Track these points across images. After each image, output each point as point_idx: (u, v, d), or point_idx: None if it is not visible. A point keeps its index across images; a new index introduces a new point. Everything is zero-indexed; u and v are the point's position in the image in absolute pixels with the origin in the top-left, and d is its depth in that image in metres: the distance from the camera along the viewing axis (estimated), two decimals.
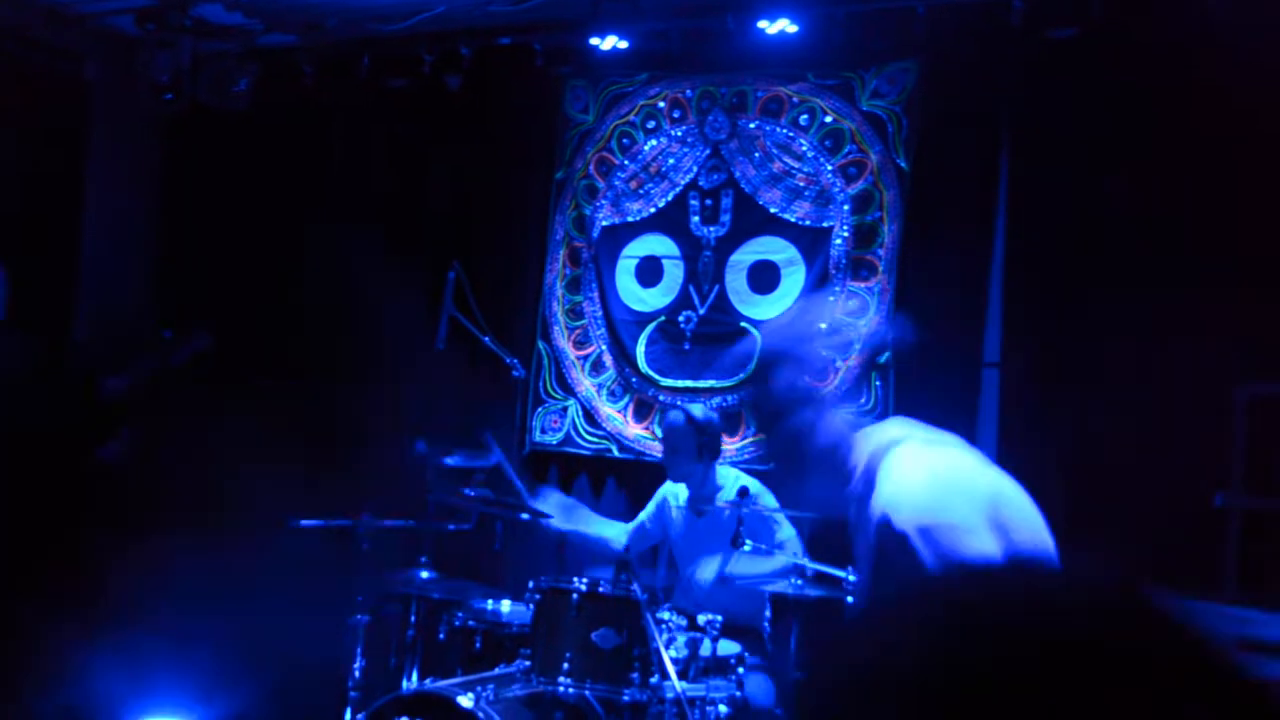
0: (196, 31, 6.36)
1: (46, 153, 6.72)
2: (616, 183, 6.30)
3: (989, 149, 5.45)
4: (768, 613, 5.01)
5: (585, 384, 6.30)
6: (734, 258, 5.97)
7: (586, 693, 4.04)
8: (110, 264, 7.06)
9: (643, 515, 5.38)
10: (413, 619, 4.81)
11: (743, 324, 5.91)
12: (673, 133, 6.18)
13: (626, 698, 4.00)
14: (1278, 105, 4.50)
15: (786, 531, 4.99)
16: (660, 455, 5.61)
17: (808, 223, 5.82)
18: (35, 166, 6.57)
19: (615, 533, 5.30)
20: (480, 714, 3.85)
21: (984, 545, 2.42)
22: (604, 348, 6.26)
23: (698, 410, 5.24)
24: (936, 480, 2.56)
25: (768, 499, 5.05)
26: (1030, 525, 2.62)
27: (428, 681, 4.39)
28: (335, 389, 6.32)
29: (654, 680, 4.00)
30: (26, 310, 4.95)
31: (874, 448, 2.65)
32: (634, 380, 6.13)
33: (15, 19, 6.53)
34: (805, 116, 5.87)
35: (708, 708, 4.16)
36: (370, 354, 6.45)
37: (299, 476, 6.19)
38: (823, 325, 5.58)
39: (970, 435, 5.24)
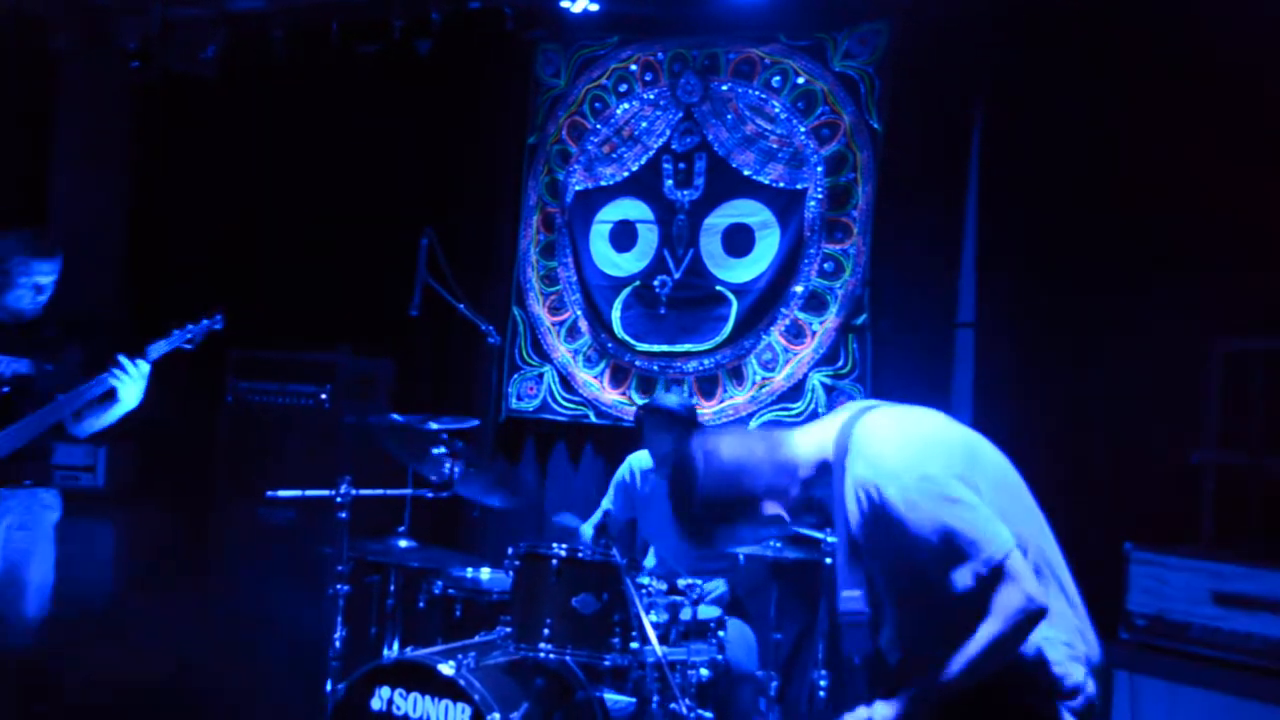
0: None
1: (12, 124, 6.62)
2: (589, 147, 6.27)
3: (962, 109, 5.44)
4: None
5: (561, 350, 6.29)
6: (708, 221, 5.95)
7: (567, 658, 4.06)
8: (80, 236, 6.97)
9: (604, 505, 5.36)
10: (392, 588, 4.81)
11: (718, 288, 5.90)
12: (645, 96, 6.15)
13: (608, 662, 4.03)
14: (1252, 58, 4.50)
15: None
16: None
17: (781, 185, 5.81)
18: (1, 138, 6.48)
19: (584, 532, 5.28)
20: (461, 681, 3.86)
21: (962, 491, 2.43)
22: (579, 313, 6.25)
23: (673, 401, 5.25)
24: (907, 438, 2.55)
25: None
26: (1008, 483, 2.63)
27: (408, 650, 4.40)
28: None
29: (635, 645, 4.03)
30: None
31: (836, 429, 2.61)
32: (610, 345, 6.12)
33: None
34: (777, 78, 5.84)
35: (689, 671, 4.20)
36: (343, 321, 6.42)
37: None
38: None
39: (945, 396, 5.29)
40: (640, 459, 5.31)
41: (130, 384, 4.51)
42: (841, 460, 2.55)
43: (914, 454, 2.49)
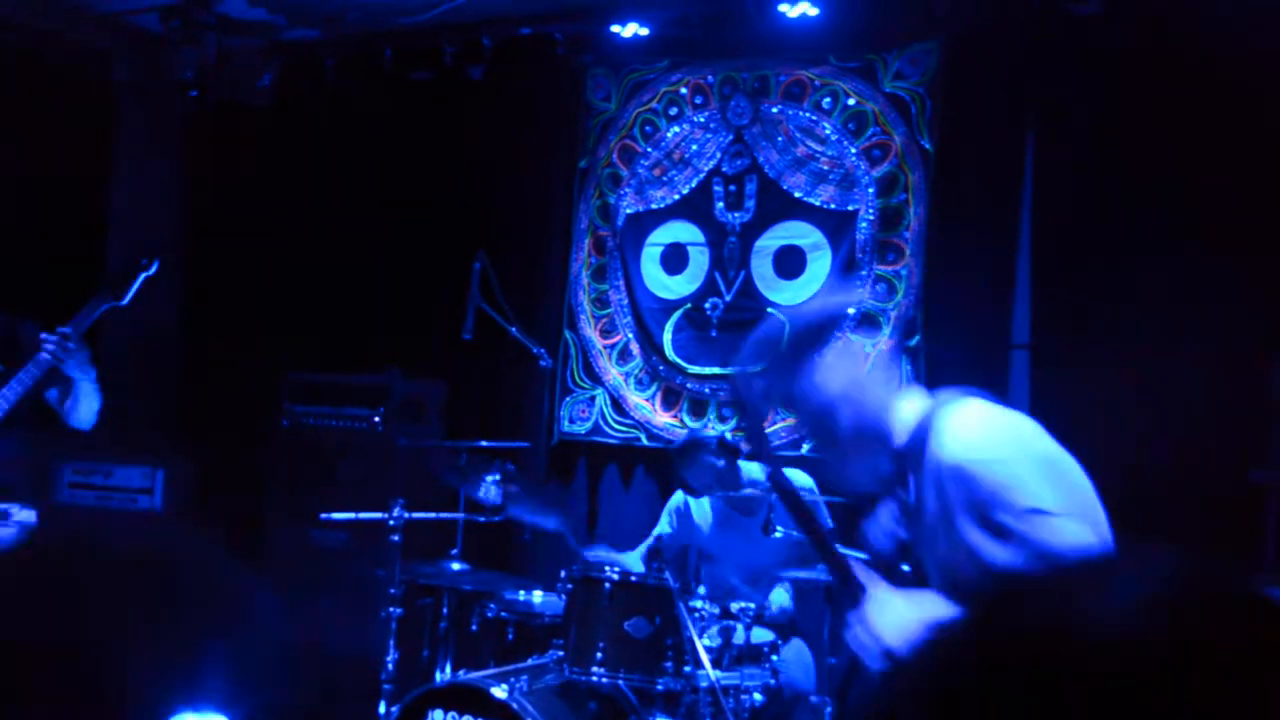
0: (221, 27, 6.38)
1: (73, 152, 6.74)
2: (640, 170, 6.28)
3: (1014, 128, 5.40)
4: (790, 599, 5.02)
5: (613, 373, 6.29)
6: (759, 243, 5.94)
7: (620, 682, 4.04)
8: (138, 261, 7.09)
9: (656, 531, 5.34)
10: (445, 610, 4.82)
11: (769, 309, 5.88)
12: (695, 119, 6.16)
13: (660, 687, 4.00)
14: None
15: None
16: None
17: (832, 206, 5.79)
18: (63, 165, 6.60)
19: (632, 561, 5.25)
20: (514, 704, 3.86)
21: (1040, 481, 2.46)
22: (631, 336, 6.25)
23: (712, 436, 5.21)
24: (1001, 429, 2.62)
25: (801, 480, 5.04)
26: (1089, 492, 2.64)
27: (461, 673, 4.41)
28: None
29: (688, 669, 4.00)
30: (55, 309, 4.96)
31: (927, 405, 2.69)
32: (661, 368, 6.12)
33: (43, 20, 6.56)
34: (828, 100, 5.83)
35: (742, 696, 4.16)
36: (396, 344, 6.47)
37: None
38: (849, 308, 5.56)
39: None
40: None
41: (59, 352, 4.20)
42: (924, 435, 2.61)
43: (1006, 438, 2.57)
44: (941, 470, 2.54)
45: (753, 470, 5.10)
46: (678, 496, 5.33)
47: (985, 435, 2.57)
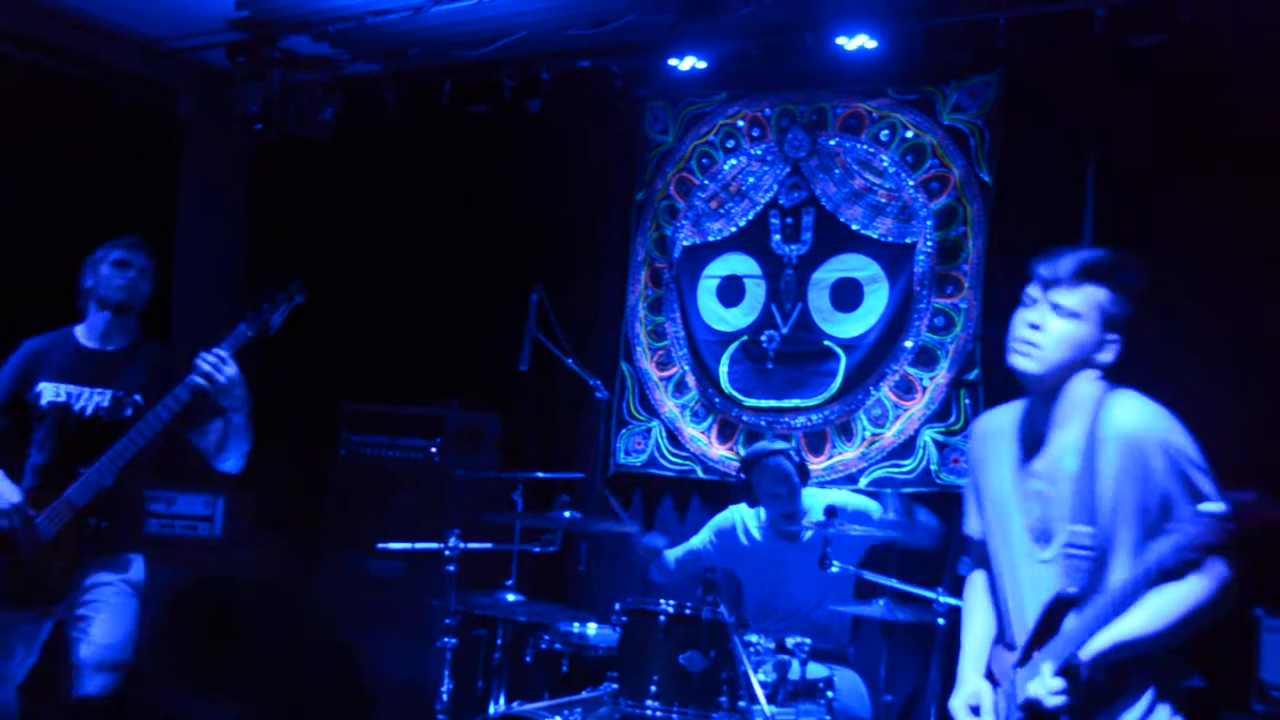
0: (285, 63, 6.48)
1: (140, 185, 6.87)
2: (697, 203, 6.29)
3: (1075, 160, 5.35)
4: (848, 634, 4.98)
5: (668, 405, 6.29)
6: (816, 276, 5.93)
7: (674, 716, 4.01)
8: (202, 293, 7.20)
9: (697, 541, 5.32)
10: (499, 641, 4.83)
11: (826, 343, 5.86)
12: (752, 151, 6.16)
13: None
14: None
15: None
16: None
17: (890, 239, 5.76)
18: (129, 198, 6.73)
19: (669, 560, 5.27)
20: None
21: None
22: (687, 368, 6.25)
23: (786, 447, 5.21)
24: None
25: (863, 502, 5.01)
26: None
27: (515, 704, 4.40)
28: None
29: (742, 704, 3.97)
30: None
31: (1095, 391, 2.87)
32: (717, 401, 6.10)
33: (116, 57, 6.71)
34: (885, 132, 5.82)
35: None
36: (452, 375, 6.51)
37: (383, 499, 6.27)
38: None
39: None
40: (750, 516, 5.25)
41: (216, 375, 4.04)
42: (1100, 403, 2.80)
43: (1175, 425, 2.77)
44: (1148, 435, 2.75)
45: (813, 500, 5.07)
46: (726, 515, 5.30)
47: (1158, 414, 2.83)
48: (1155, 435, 2.66)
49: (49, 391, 4.23)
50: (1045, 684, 2.62)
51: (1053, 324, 2.81)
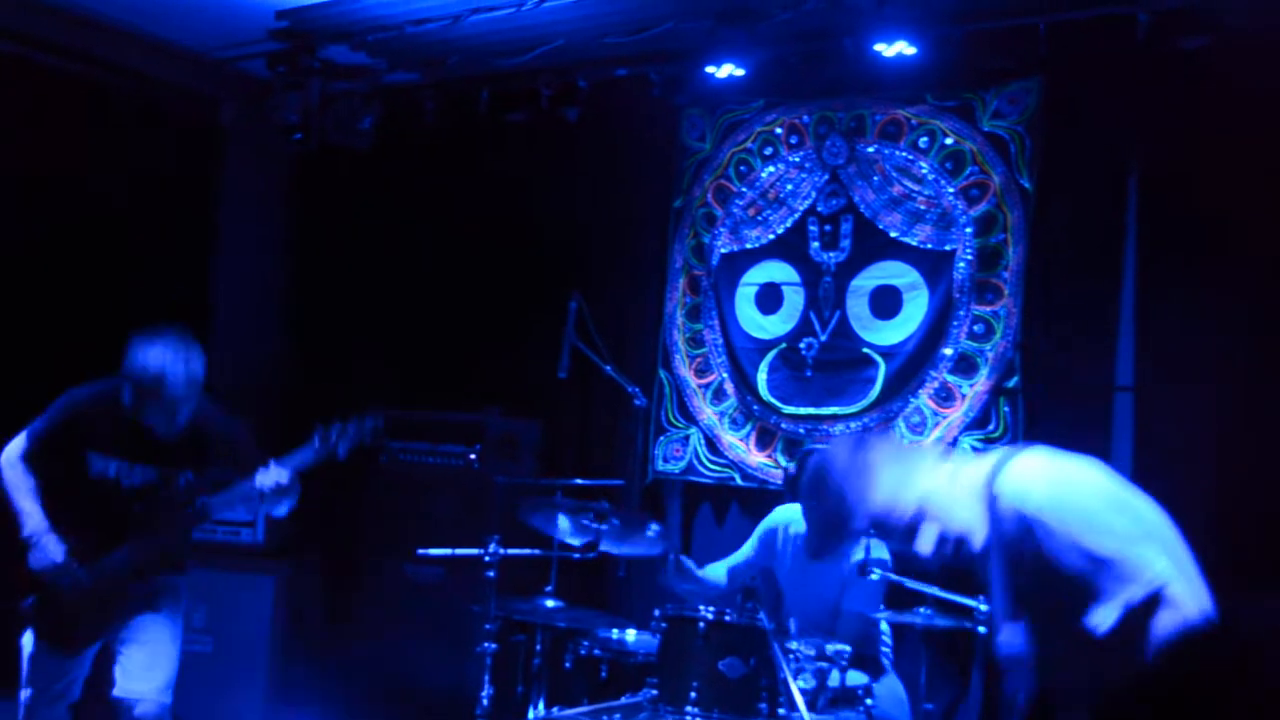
0: (324, 72, 6.54)
1: (182, 195, 6.95)
2: (735, 210, 6.29)
3: (1117, 166, 5.32)
4: (888, 640, 4.94)
5: (707, 412, 6.28)
6: (855, 283, 5.91)
7: None
8: (243, 303, 7.28)
9: (743, 552, 5.29)
10: (539, 648, 4.84)
11: (865, 350, 5.84)
12: (790, 159, 6.16)
13: None
14: None
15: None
16: (782, 483, 5.57)
17: (929, 246, 5.74)
18: (170, 208, 6.81)
19: (718, 573, 5.24)
20: None
21: (1114, 527, 2.46)
22: (725, 376, 6.24)
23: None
24: (1062, 475, 2.64)
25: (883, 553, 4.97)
26: (1167, 536, 2.58)
27: (554, 710, 4.41)
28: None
29: (782, 711, 3.96)
30: None
31: (984, 469, 2.70)
32: (755, 408, 6.10)
33: (161, 68, 6.80)
34: (925, 139, 5.80)
35: None
36: (492, 383, 6.54)
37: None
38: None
39: (1104, 462, 5.10)
40: (796, 519, 5.21)
41: (271, 494, 4.35)
42: (991, 490, 2.63)
43: (1066, 484, 2.58)
44: (1010, 509, 2.55)
45: None
46: (771, 518, 5.25)
47: (1046, 478, 2.61)
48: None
49: (98, 462, 4.27)
50: None
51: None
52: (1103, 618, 2.37)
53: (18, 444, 4.30)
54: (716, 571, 5.22)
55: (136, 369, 4.14)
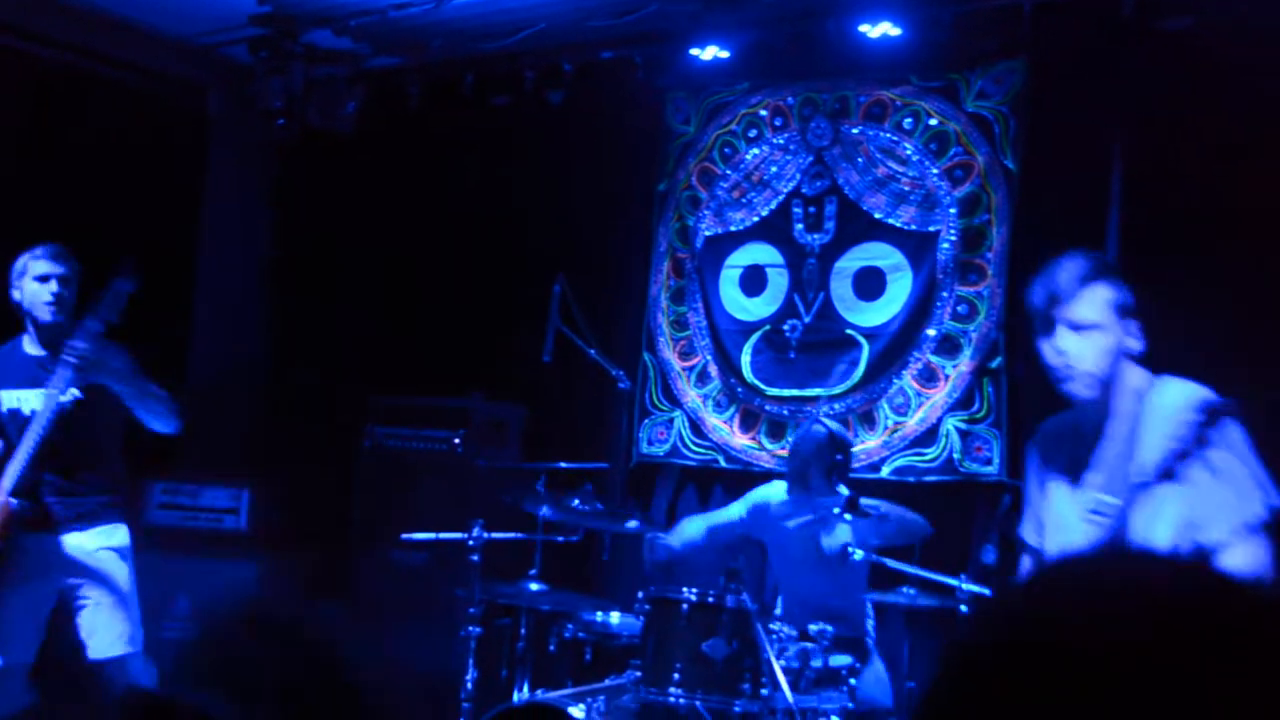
0: (307, 57, 6.51)
1: (165, 180, 6.92)
2: (719, 192, 6.28)
3: (1101, 147, 5.31)
4: (871, 621, 4.94)
5: (691, 395, 6.28)
6: (839, 264, 5.91)
7: (697, 703, 4.00)
8: (226, 287, 7.26)
9: (728, 513, 5.25)
10: (523, 631, 4.84)
11: (849, 331, 5.84)
12: (775, 141, 6.14)
13: (738, 708, 3.97)
14: None
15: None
16: (767, 465, 5.57)
17: (913, 227, 5.74)
18: (155, 194, 6.77)
19: (695, 529, 5.22)
20: None
21: None
22: (709, 358, 6.24)
23: (836, 425, 5.12)
24: None
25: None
26: None
27: (539, 693, 4.41)
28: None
29: (765, 691, 3.96)
30: (146, 333, 5.09)
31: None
32: (740, 390, 6.10)
33: (147, 56, 6.76)
34: (909, 120, 5.79)
35: (820, 719, 4.11)
36: (477, 367, 6.53)
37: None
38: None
39: None
40: (773, 492, 5.19)
41: (86, 365, 4.34)
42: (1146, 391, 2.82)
43: None
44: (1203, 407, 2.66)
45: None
46: (765, 490, 5.22)
47: None
48: (1194, 403, 2.62)
49: (7, 399, 4.53)
50: None
51: (1077, 342, 2.81)
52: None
53: None
54: (694, 526, 5.20)
55: (19, 266, 4.55)
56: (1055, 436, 2.99)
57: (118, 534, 4.61)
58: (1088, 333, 2.79)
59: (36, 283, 4.52)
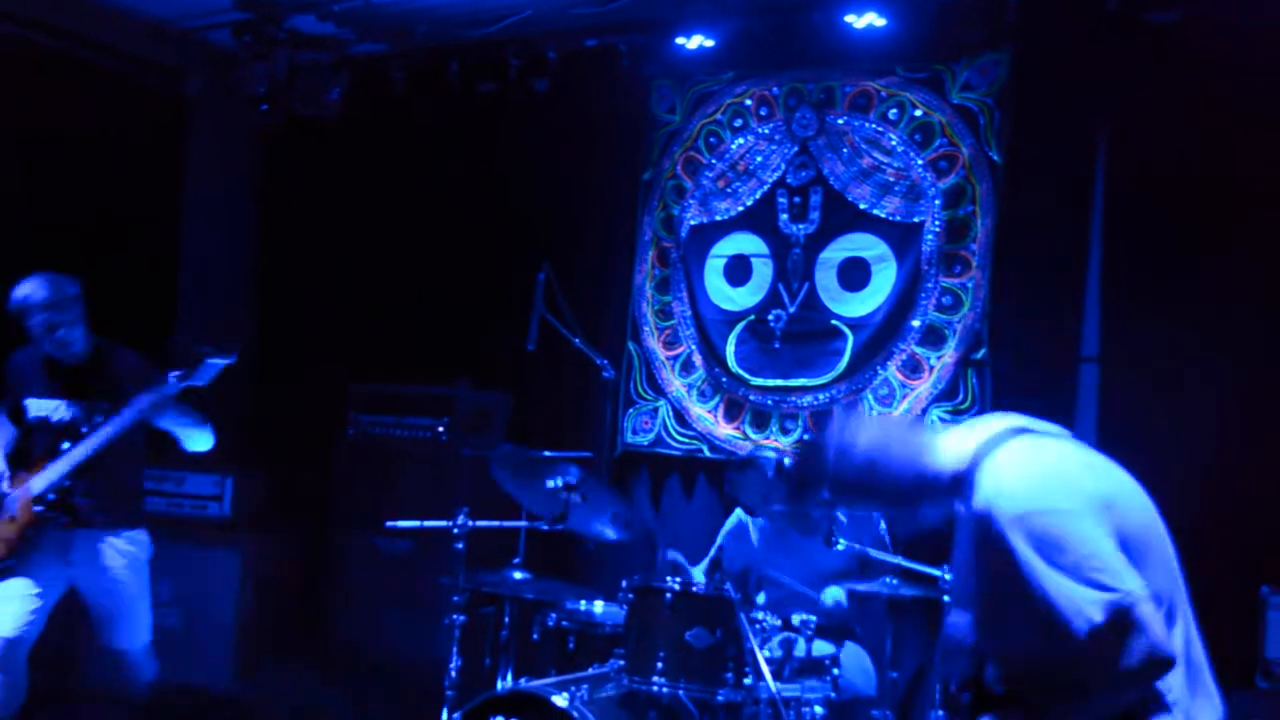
0: (291, 43, 6.48)
1: (147, 166, 6.88)
2: (704, 182, 6.28)
3: (1085, 139, 5.33)
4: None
5: (675, 384, 6.29)
6: (823, 255, 5.91)
7: (680, 692, 4.01)
8: (210, 274, 7.22)
9: (714, 549, 5.30)
10: (507, 619, 4.84)
11: (833, 322, 5.85)
12: (760, 130, 6.14)
13: (721, 698, 3.97)
14: None
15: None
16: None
17: (898, 218, 5.75)
18: (137, 180, 6.74)
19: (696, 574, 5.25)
20: (575, 713, 3.85)
21: (1093, 529, 2.32)
22: (694, 348, 6.25)
23: (772, 453, 5.15)
24: (1040, 472, 2.43)
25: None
26: (1149, 536, 2.48)
27: (522, 681, 4.41)
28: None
29: (749, 680, 3.97)
30: (130, 320, 5.08)
31: (975, 446, 2.52)
32: (724, 380, 6.10)
33: (125, 40, 6.71)
34: (894, 111, 5.80)
35: (803, 709, 4.13)
36: (461, 356, 6.52)
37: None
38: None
39: (1069, 432, 5.13)
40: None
41: (156, 416, 4.59)
42: (971, 480, 2.47)
43: (1042, 487, 2.38)
44: (984, 511, 2.39)
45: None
46: (733, 518, 5.29)
47: (1022, 479, 2.40)
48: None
49: (34, 407, 4.68)
50: None
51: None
52: (1081, 620, 2.28)
53: None
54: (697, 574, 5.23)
55: (10, 306, 4.59)
56: None
57: (140, 537, 4.74)
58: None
59: (40, 330, 4.59)
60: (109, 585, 4.63)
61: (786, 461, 5.02)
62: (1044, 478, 2.42)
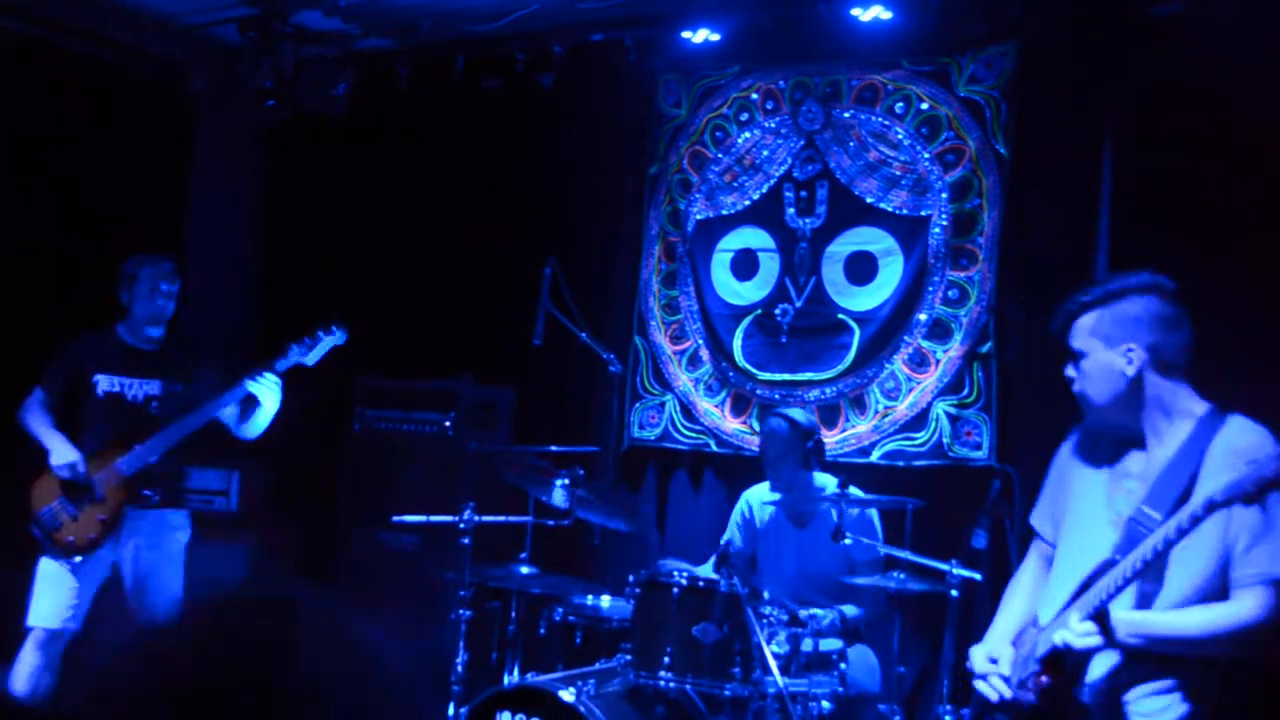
0: (297, 38, 6.47)
1: (152, 161, 6.87)
2: (710, 176, 6.27)
3: (1092, 132, 5.31)
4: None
5: (682, 379, 6.28)
6: (830, 249, 5.90)
7: (687, 687, 4.02)
8: (214, 269, 7.22)
9: (725, 537, 5.29)
10: (513, 614, 4.84)
11: (840, 316, 5.84)
12: (766, 124, 6.13)
13: (728, 692, 3.98)
14: None
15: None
16: (758, 449, 5.56)
17: (905, 212, 5.73)
18: (141, 174, 6.73)
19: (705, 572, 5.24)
20: (581, 708, 3.86)
21: None
22: (700, 342, 6.24)
23: (799, 415, 5.16)
24: None
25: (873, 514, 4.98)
26: None
27: (529, 676, 4.42)
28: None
29: (756, 675, 3.97)
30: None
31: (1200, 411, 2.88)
32: (731, 374, 6.10)
33: (128, 34, 6.71)
34: (901, 104, 5.78)
35: (810, 703, 4.12)
36: (467, 350, 6.52)
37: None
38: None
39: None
40: (756, 493, 5.25)
41: (266, 390, 4.91)
42: (1206, 421, 2.84)
43: None
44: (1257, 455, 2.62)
45: (828, 484, 5.03)
46: (740, 504, 5.29)
47: None
48: (1270, 453, 2.63)
49: (104, 382, 4.87)
50: (1073, 628, 2.65)
51: (1077, 369, 3.00)
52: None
53: (34, 396, 4.90)
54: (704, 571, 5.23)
55: (126, 266, 4.96)
56: (1096, 435, 3.03)
57: (186, 516, 5.08)
58: (1083, 360, 2.96)
59: (149, 294, 4.93)
60: (159, 560, 4.83)
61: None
62: None
